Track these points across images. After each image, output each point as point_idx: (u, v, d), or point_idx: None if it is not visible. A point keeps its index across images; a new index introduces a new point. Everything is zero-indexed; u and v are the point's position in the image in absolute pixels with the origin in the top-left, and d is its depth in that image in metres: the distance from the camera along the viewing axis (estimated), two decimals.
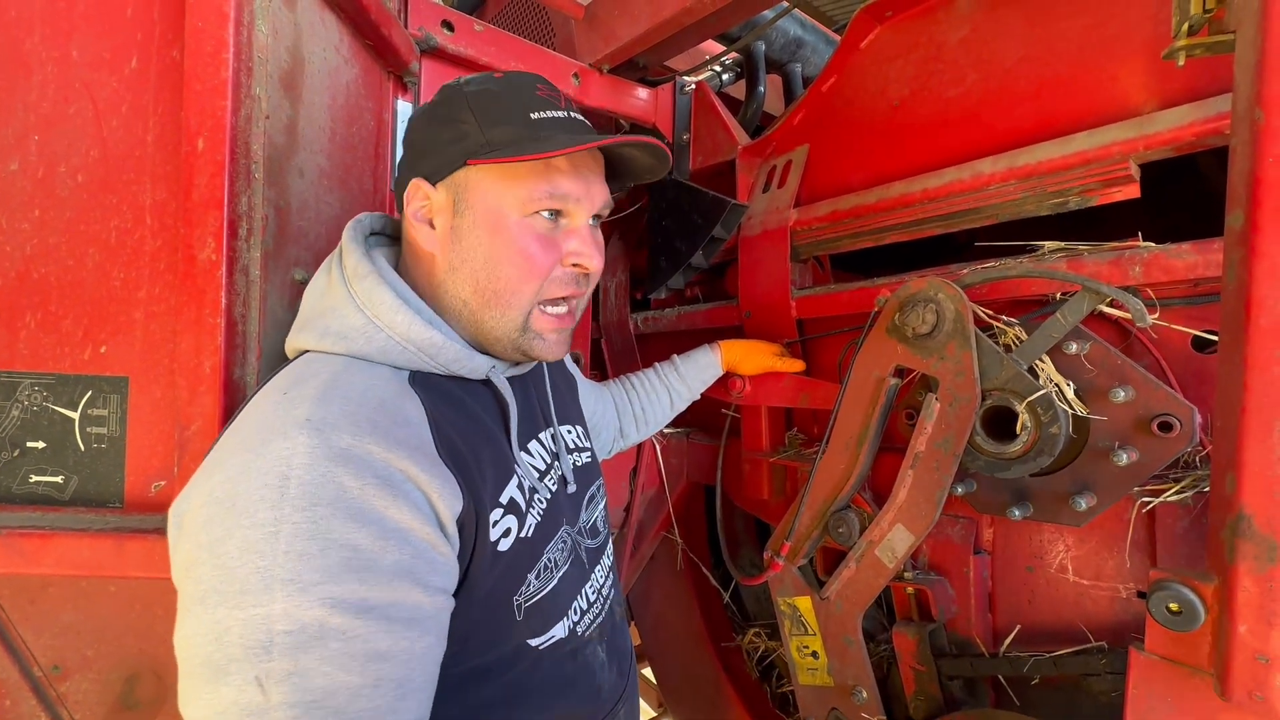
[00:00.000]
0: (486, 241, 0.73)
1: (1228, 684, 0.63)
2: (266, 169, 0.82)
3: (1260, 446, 0.60)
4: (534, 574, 0.73)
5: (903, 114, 1.16)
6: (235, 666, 0.50)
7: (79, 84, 0.80)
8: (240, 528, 0.53)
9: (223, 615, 0.51)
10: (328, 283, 0.73)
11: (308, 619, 0.51)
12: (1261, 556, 0.61)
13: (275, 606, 0.51)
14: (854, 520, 1.05)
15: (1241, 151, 0.62)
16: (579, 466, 0.91)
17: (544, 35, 1.64)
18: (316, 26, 0.93)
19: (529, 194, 0.72)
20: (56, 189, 0.80)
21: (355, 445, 0.57)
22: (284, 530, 0.52)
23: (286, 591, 0.51)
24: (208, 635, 0.51)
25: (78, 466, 0.81)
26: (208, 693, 0.51)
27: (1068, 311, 0.87)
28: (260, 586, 0.51)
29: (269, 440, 0.56)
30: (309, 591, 0.52)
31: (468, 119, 0.72)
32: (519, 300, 0.74)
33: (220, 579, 0.52)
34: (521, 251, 0.73)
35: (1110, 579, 0.92)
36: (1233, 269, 0.64)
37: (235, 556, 0.52)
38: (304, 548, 0.52)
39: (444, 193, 0.74)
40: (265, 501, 0.53)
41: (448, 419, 0.68)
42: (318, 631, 0.51)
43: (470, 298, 0.74)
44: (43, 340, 0.80)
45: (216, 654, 0.51)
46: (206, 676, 0.51)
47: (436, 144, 0.74)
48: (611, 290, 1.82)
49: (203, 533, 0.55)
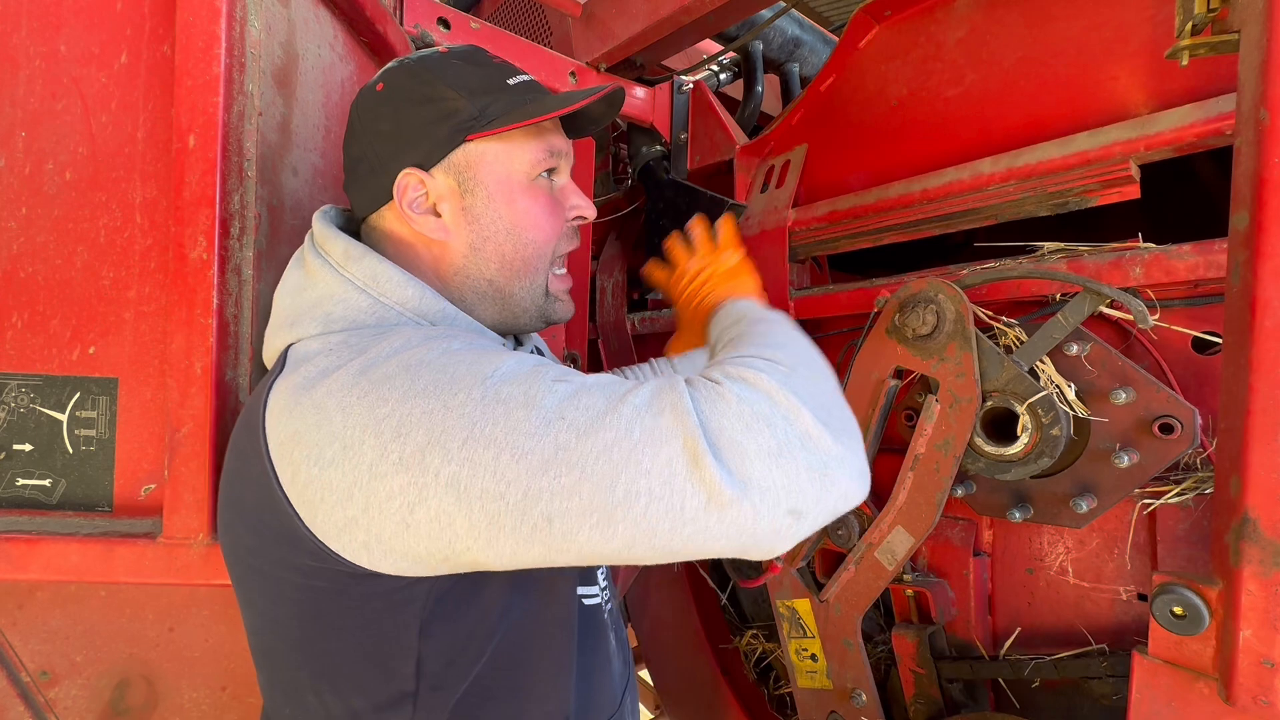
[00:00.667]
0: (507, 212, 0.73)
1: (1232, 688, 0.63)
2: (259, 167, 0.81)
3: (1266, 449, 0.60)
4: None
5: (902, 114, 1.16)
6: (533, 386, 0.53)
7: (67, 79, 0.78)
8: (417, 370, 0.54)
9: (478, 392, 0.53)
10: (305, 275, 0.70)
11: (525, 368, 0.55)
12: (1267, 560, 0.60)
13: (503, 365, 0.54)
14: (853, 522, 1.04)
15: (1246, 152, 0.62)
16: None
17: (540, 33, 1.63)
18: (310, 23, 0.92)
19: (533, 158, 0.74)
20: (44, 186, 0.79)
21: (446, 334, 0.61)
22: (455, 350, 0.56)
23: (495, 362, 0.55)
24: (483, 406, 0.52)
25: (66, 469, 0.80)
26: (537, 412, 0.51)
27: (1069, 313, 0.86)
28: (482, 361, 0.55)
29: (365, 348, 0.58)
30: (505, 358, 0.56)
31: (450, 94, 0.70)
32: (543, 264, 0.76)
33: (442, 392, 0.53)
34: (541, 214, 0.75)
35: (1111, 581, 0.92)
36: (1237, 270, 0.63)
37: (439, 376, 0.54)
38: (482, 348, 0.58)
39: (443, 176, 0.72)
40: (416, 355, 0.56)
41: None
42: (535, 363, 0.56)
43: (497, 274, 0.75)
44: (30, 341, 0.79)
45: (513, 397, 0.52)
46: (520, 414, 0.51)
47: (418, 128, 0.71)
48: (609, 290, 1.81)
49: (379, 407, 0.53)
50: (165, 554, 0.77)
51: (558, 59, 1.39)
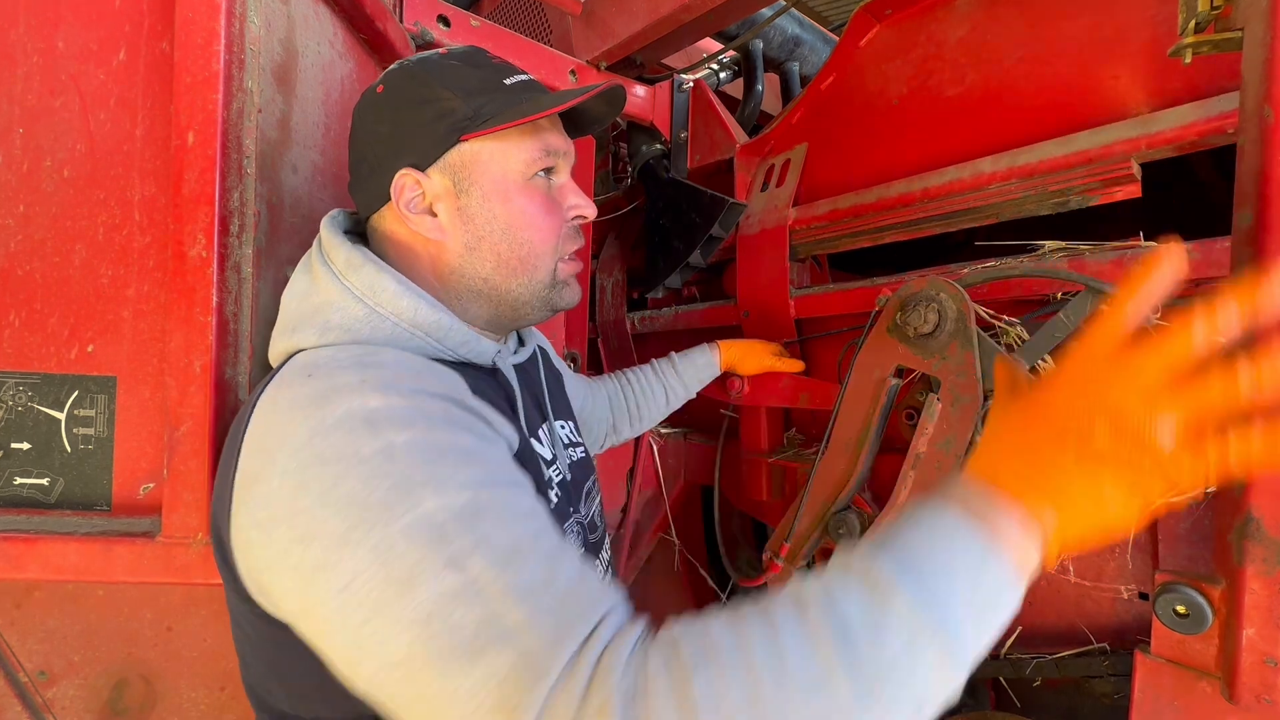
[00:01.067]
0: (502, 212, 0.74)
1: (1235, 687, 0.63)
2: (259, 164, 0.80)
3: None
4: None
5: (902, 112, 1.16)
6: (422, 566, 0.49)
7: (65, 76, 0.78)
8: (350, 468, 0.52)
9: (379, 537, 0.50)
10: (311, 281, 0.71)
11: (459, 502, 0.52)
12: (1270, 559, 0.60)
13: (427, 504, 0.51)
14: (854, 521, 1.04)
15: (1250, 150, 0.62)
16: (574, 461, 0.90)
17: (540, 31, 1.63)
18: (310, 20, 0.92)
19: (528, 157, 0.74)
20: (42, 184, 0.78)
21: (421, 388, 0.59)
22: (397, 450, 0.53)
23: (430, 489, 0.51)
24: (372, 563, 0.49)
25: (64, 468, 0.80)
26: (404, 604, 0.48)
27: (1071, 311, 0.86)
28: (402, 495, 0.51)
29: (326, 403, 0.56)
30: (448, 483, 0.52)
31: (445, 95, 0.71)
32: (543, 261, 0.76)
33: (355, 514, 0.51)
34: (538, 213, 0.75)
35: (1112, 580, 0.91)
36: (1240, 269, 0.63)
37: (359, 490, 0.51)
38: (424, 456, 0.53)
39: (439, 176, 0.72)
40: (362, 439, 0.53)
41: (476, 386, 0.68)
42: (474, 508, 0.52)
43: (492, 272, 0.75)
44: (28, 339, 0.78)
45: (394, 570, 0.49)
46: (394, 594, 0.49)
47: (415, 128, 0.72)
48: (609, 289, 1.81)
49: (300, 499, 0.53)
50: (164, 553, 0.77)
51: (558, 57, 1.39)
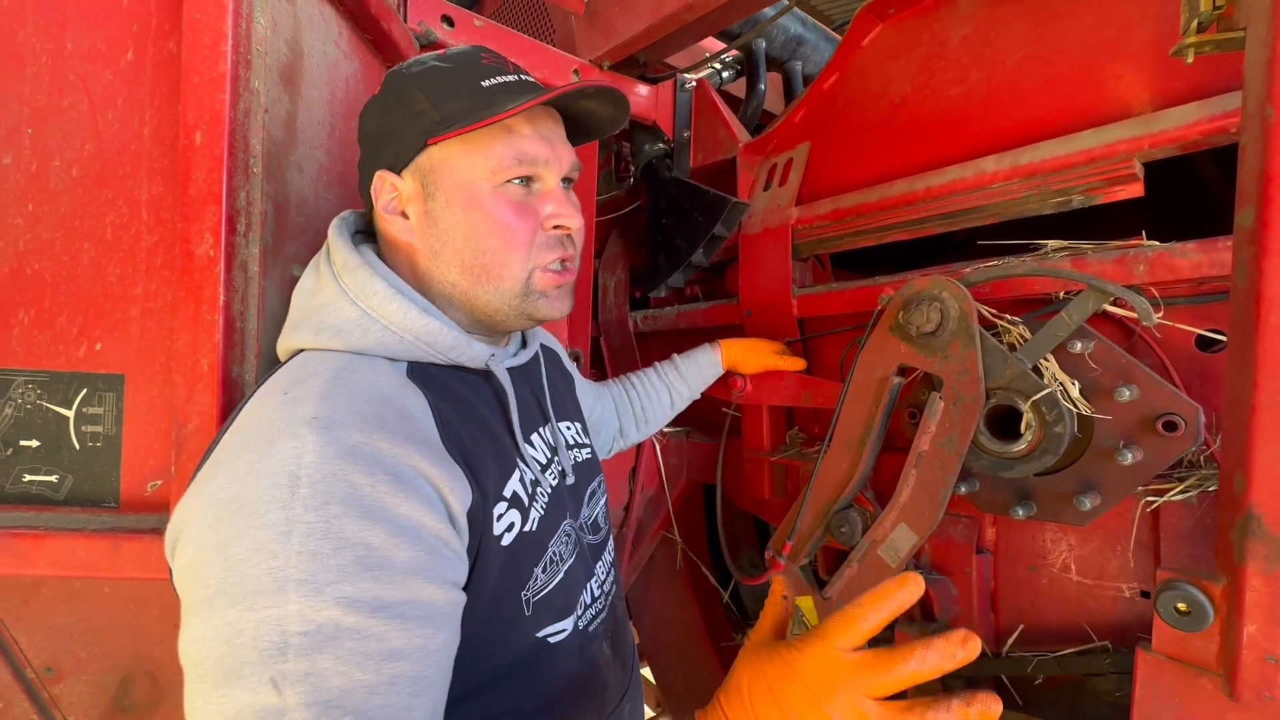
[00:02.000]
0: (463, 219, 0.72)
1: (1236, 684, 0.63)
2: (265, 164, 0.81)
3: (1270, 446, 0.60)
4: (540, 568, 0.72)
5: (905, 112, 1.16)
6: (249, 669, 0.49)
7: (74, 76, 0.79)
8: (250, 528, 0.52)
9: (234, 617, 0.50)
10: (317, 280, 0.72)
11: (322, 619, 0.50)
12: (1271, 556, 0.61)
13: (290, 607, 0.50)
14: (856, 520, 1.04)
15: (1252, 149, 0.62)
16: (579, 462, 0.90)
17: (543, 31, 1.63)
18: (316, 20, 0.92)
19: (496, 163, 0.71)
20: (51, 183, 0.79)
21: (364, 442, 0.56)
22: (296, 530, 0.51)
23: (300, 592, 0.50)
24: (218, 638, 0.50)
25: (72, 465, 0.80)
26: (219, 696, 0.49)
27: (1073, 310, 0.86)
28: (273, 587, 0.50)
29: (275, 440, 0.55)
30: (323, 592, 0.51)
31: (419, 99, 0.71)
32: (509, 271, 0.74)
33: (230, 581, 0.51)
34: (500, 222, 0.72)
35: (1114, 578, 0.92)
36: (1242, 267, 0.64)
37: (246, 557, 0.51)
38: (317, 547, 0.51)
39: (410, 180, 0.73)
40: (275, 501, 0.52)
41: (450, 413, 0.67)
42: (333, 631, 0.50)
43: (459, 279, 0.74)
44: (37, 337, 0.79)
45: (228, 657, 0.50)
46: (217, 680, 0.50)
47: (392, 131, 0.73)
48: (611, 288, 1.81)
49: (210, 534, 0.54)
50: None
51: (560, 56, 1.39)
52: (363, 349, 0.68)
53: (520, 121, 0.73)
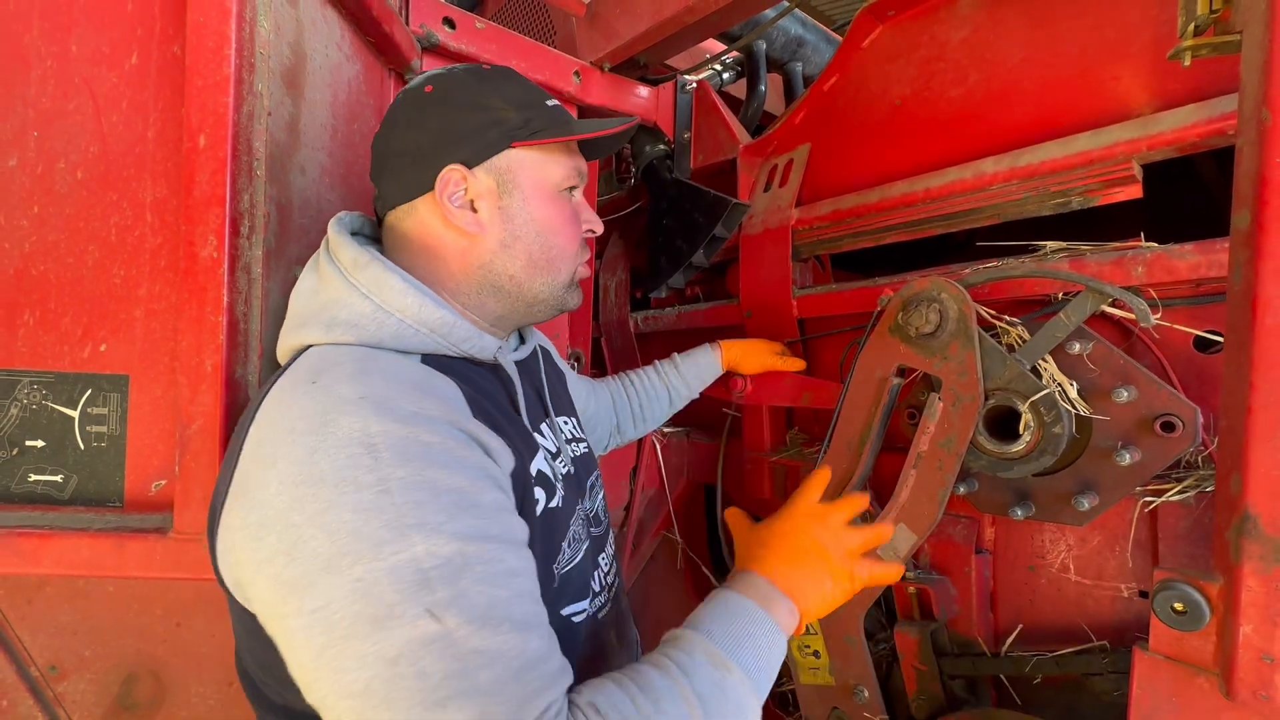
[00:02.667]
0: (539, 216, 0.80)
1: (1232, 684, 0.63)
2: (268, 166, 0.81)
3: (1266, 447, 0.61)
4: (565, 542, 0.76)
5: (905, 113, 1.16)
6: (400, 609, 0.51)
7: (79, 79, 0.79)
8: (344, 495, 0.54)
9: (362, 571, 0.52)
10: (319, 280, 0.73)
11: (449, 552, 0.54)
12: (1267, 557, 0.61)
13: (417, 548, 0.53)
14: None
15: (1248, 152, 0.62)
16: (577, 456, 0.91)
17: (544, 33, 1.63)
18: (318, 23, 0.93)
19: (564, 172, 0.82)
20: (56, 185, 0.79)
21: (419, 410, 0.60)
22: (393, 485, 0.55)
23: (422, 533, 0.54)
24: (352, 594, 0.52)
25: (77, 465, 0.81)
26: (373, 644, 0.51)
27: (1071, 311, 0.87)
28: (394, 535, 0.53)
29: (330, 420, 0.57)
30: (441, 530, 0.54)
31: (498, 104, 0.77)
32: (567, 265, 0.84)
33: (344, 544, 0.53)
34: (568, 222, 0.83)
35: (1112, 578, 0.92)
36: (1238, 269, 0.64)
37: (351, 519, 0.53)
38: (418, 497, 0.55)
39: (485, 175, 0.77)
40: (361, 467, 0.55)
41: (474, 394, 0.69)
42: (461, 561, 0.54)
43: (520, 270, 0.80)
44: (42, 338, 0.80)
45: (370, 606, 0.51)
46: (365, 631, 0.51)
47: (468, 129, 0.76)
48: (612, 289, 1.82)
49: (294, 514, 0.55)
50: (176, 549, 0.78)
51: (561, 58, 1.39)
52: (377, 342, 0.69)
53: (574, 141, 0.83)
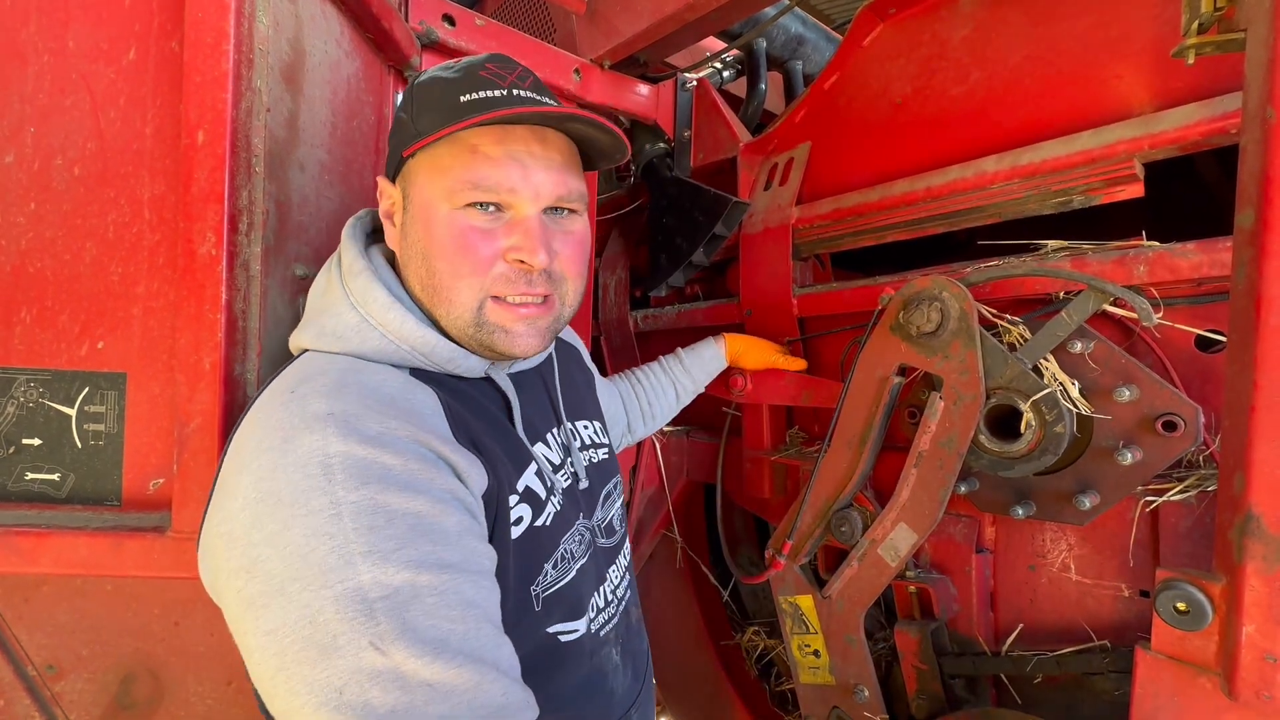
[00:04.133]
0: (422, 236, 0.70)
1: (1235, 683, 0.63)
2: (267, 163, 0.81)
3: (1270, 446, 0.60)
4: (550, 563, 0.73)
5: (905, 112, 1.16)
6: (344, 639, 0.50)
7: (76, 75, 0.79)
8: (297, 517, 0.53)
9: (310, 598, 0.51)
10: (327, 281, 0.73)
11: (398, 582, 0.52)
12: (1270, 556, 0.61)
13: (363, 577, 0.51)
14: (856, 519, 1.05)
15: (1253, 150, 0.62)
16: (595, 463, 0.89)
17: (544, 30, 1.63)
18: (317, 19, 0.92)
19: (452, 185, 0.68)
20: (53, 182, 0.79)
21: (384, 431, 0.58)
22: (344, 510, 0.53)
23: (369, 561, 0.52)
24: (300, 620, 0.51)
25: (74, 464, 0.80)
26: (319, 671, 0.50)
27: (1073, 310, 0.87)
28: (341, 563, 0.52)
29: (291, 437, 0.56)
30: (390, 558, 0.52)
31: (409, 110, 0.73)
32: (458, 296, 0.70)
33: (294, 567, 0.52)
34: (450, 245, 0.69)
35: (1113, 578, 0.92)
36: (1242, 268, 0.64)
37: (302, 543, 0.52)
38: (370, 521, 0.53)
39: (397, 189, 0.75)
40: (314, 489, 0.53)
41: (460, 408, 0.68)
42: (411, 591, 0.52)
43: (420, 293, 0.73)
44: (39, 335, 0.79)
45: (317, 634, 0.50)
46: (312, 657, 0.50)
47: (394, 137, 0.75)
48: (611, 288, 1.81)
49: (254, 532, 0.54)
50: (174, 547, 0.78)
51: (562, 56, 1.39)
52: (363, 354, 0.68)
53: (489, 142, 0.68)
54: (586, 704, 0.76)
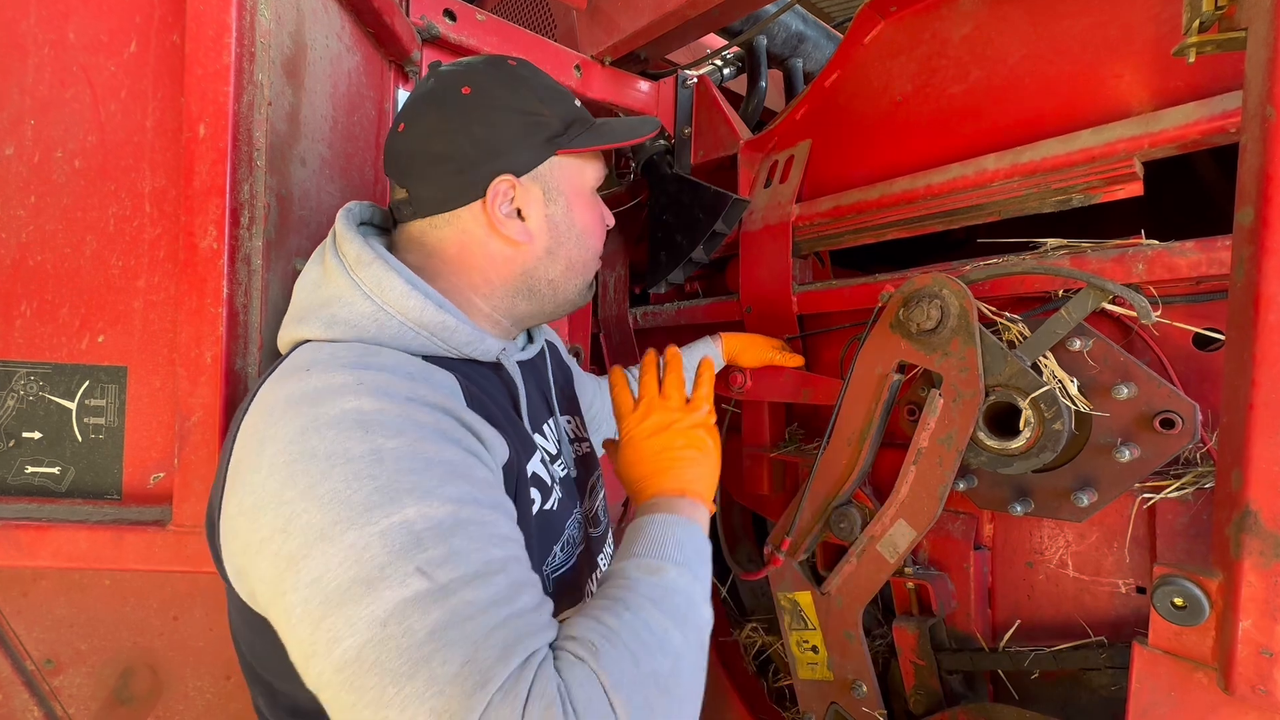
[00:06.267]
0: (580, 221, 0.82)
1: (1231, 678, 0.64)
2: (268, 157, 0.81)
3: (1267, 442, 0.61)
4: (559, 546, 0.75)
5: (906, 110, 1.16)
6: (391, 569, 0.50)
7: (76, 67, 0.78)
8: (336, 466, 0.54)
9: (354, 536, 0.51)
10: (323, 273, 0.72)
11: (441, 514, 0.53)
12: (1267, 552, 0.61)
13: (409, 510, 0.52)
14: (855, 516, 1.05)
15: (1252, 148, 0.62)
16: (580, 456, 0.91)
17: (545, 26, 1.63)
18: (319, 13, 0.92)
19: (597, 175, 0.84)
20: (53, 175, 0.79)
21: (414, 394, 0.60)
22: (386, 455, 0.54)
23: (414, 496, 0.53)
24: (345, 560, 0.50)
25: (75, 457, 0.80)
26: (365, 607, 0.49)
27: (1072, 308, 0.87)
28: (386, 499, 0.52)
29: (322, 399, 0.57)
30: (433, 494, 0.54)
31: (539, 108, 0.76)
32: (595, 264, 0.86)
33: (337, 512, 0.52)
34: (597, 222, 0.85)
35: (1110, 574, 0.93)
36: (1241, 266, 0.64)
37: (343, 488, 0.53)
38: (410, 464, 0.55)
39: (532, 184, 0.77)
40: (353, 438, 0.55)
41: (474, 390, 0.69)
42: (453, 522, 0.54)
43: (560, 274, 0.81)
44: (39, 329, 0.79)
45: (363, 570, 0.50)
46: (357, 595, 0.49)
47: (513, 135, 0.75)
48: (611, 285, 1.81)
49: (287, 490, 0.54)
50: (175, 541, 0.78)
51: (562, 52, 1.39)
52: (377, 341, 0.68)
53: None
54: None
